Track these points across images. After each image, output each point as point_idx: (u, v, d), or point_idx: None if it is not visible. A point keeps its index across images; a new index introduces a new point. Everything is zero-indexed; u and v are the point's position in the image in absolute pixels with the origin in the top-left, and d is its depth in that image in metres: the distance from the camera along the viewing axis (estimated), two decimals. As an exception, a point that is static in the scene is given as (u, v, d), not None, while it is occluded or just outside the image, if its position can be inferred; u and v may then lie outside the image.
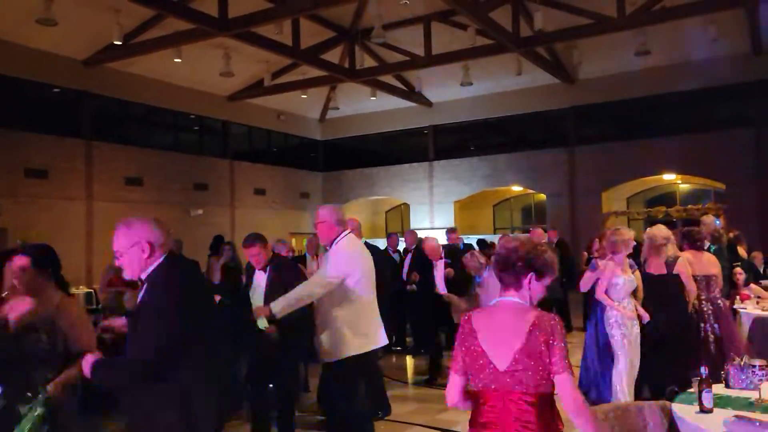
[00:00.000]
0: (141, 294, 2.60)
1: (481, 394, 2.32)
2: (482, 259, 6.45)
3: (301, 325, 4.47)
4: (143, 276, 2.63)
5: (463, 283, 7.04)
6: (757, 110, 15.62)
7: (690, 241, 5.86)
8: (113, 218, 12.93)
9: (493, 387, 2.28)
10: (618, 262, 5.29)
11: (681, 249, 5.85)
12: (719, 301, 5.74)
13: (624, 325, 5.21)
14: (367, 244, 6.10)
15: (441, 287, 6.98)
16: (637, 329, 5.27)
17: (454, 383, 2.40)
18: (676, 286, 5.47)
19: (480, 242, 10.82)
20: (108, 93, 14.85)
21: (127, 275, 2.68)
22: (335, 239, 4.24)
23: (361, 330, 4.12)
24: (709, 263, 5.78)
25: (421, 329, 7.95)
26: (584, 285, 5.70)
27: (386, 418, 5.74)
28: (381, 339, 4.32)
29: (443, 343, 7.82)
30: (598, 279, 5.36)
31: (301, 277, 4.70)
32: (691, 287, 5.48)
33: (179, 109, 16.81)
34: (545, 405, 2.26)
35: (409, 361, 8.44)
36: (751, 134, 15.45)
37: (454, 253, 8.07)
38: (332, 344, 4.09)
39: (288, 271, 4.85)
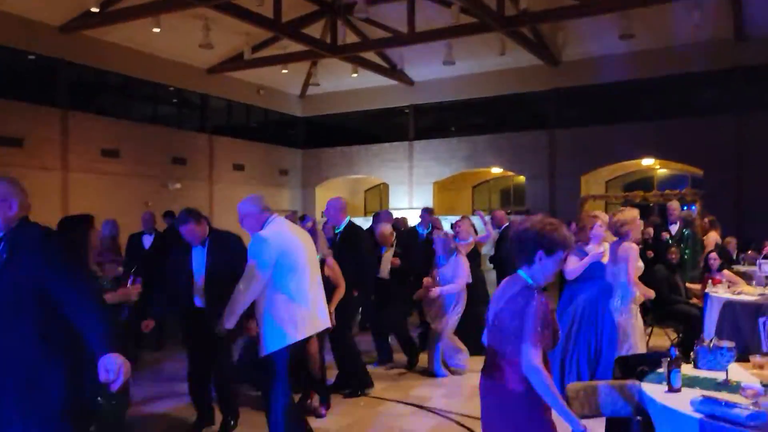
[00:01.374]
0: None
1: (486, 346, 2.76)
2: (452, 244, 6.49)
3: None
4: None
5: (408, 273, 6.95)
6: (738, 97, 15.77)
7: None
8: (90, 190, 12.82)
9: (486, 343, 2.75)
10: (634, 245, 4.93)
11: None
12: None
13: (633, 311, 4.95)
14: (352, 227, 5.99)
15: (384, 273, 6.84)
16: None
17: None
18: None
19: (453, 225, 10.73)
20: (85, 61, 14.48)
21: None
22: (263, 226, 4.04)
23: (291, 317, 3.91)
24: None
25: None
26: (574, 272, 5.16)
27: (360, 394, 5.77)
28: (316, 325, 4.12)
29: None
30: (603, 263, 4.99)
31: (241, 251, 4.38)
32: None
33: (157, 81, 16.47)
34: (518, 365, 2.53)
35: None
36: (731, 121, 15.62)
37: (411, 238, 7.94)
38: (263, 337, 3.93)
39: (225, 246, 4.62)
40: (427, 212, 9.21)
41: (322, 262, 5.05)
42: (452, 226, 8.90)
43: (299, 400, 5.03)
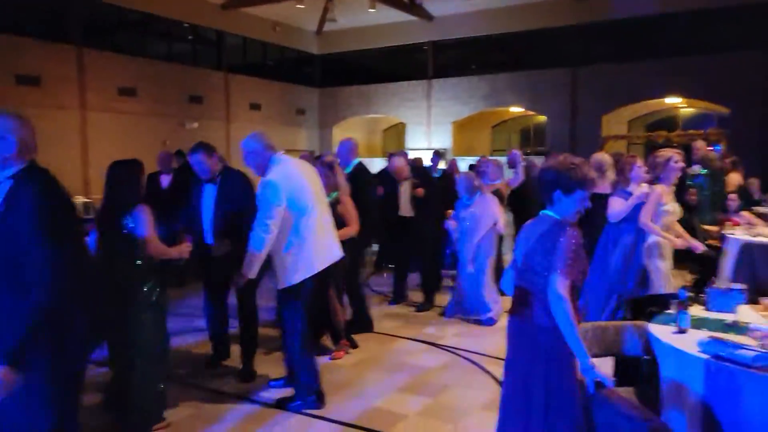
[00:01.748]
0: None
1: (514, 287, 2.83)
2: (477, 182, 6.29)
3: None
4: None
5: (436, 204, 6.78)
6: (766, 32, 15.13)
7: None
8: (108, 129, 12.78)
9: (515, 281, 2.81)
10: (667, 187, 4.79)
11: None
12: None
13: (664, 256, 4.84)
14: (360, 169, 5.94)
15: (405, 209, 6.78)
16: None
17: (506, 273, 3.02)
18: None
19: (471, 166, 10.60)
20: (98, -3, 14.29)
21: None
22: (267, 166, 4.00)
23: (304, 254, 3.95)
24: None
25: (387, 252, 7.92)
26: (618, 214, 4.88)
27: (374, 331, 5.90)
28: (330, 257, 4.14)
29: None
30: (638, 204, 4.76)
31: (251, 190, 4.44)
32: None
33: (172, 17, 16.21)
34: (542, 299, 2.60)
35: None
36: (758, 57, 15.04)
37: (426, 174, 7.63)
38: (279, 272, 4.01)
39: (235, 184, 4.60)
40: (437, 155, 9.00)
41: (337, 201, 5.03)
42: (471, 167, 8.75)
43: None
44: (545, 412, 2.63)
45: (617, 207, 4.91)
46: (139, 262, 3.60)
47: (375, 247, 10.12)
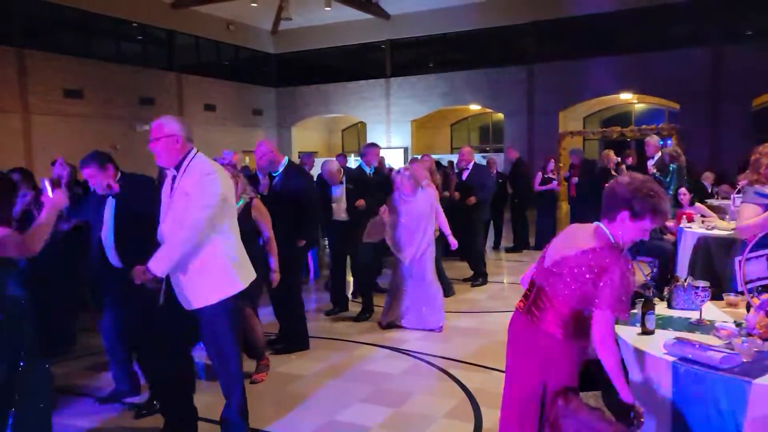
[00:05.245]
0: None
1: (530, 282, 2.68)
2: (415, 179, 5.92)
3: None
4: None
5: (373, 206, 6.40)
6: (715, 29, 15.52)
7: None
8: (53, 133, 12.22)
9: (533, 276, 2.65)
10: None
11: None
12: None
13: None
14: (291, 168, 5.42)
15: (339, 213, 6.47)
16: None
17: (530, 270, 2.78)
18: None
19: (451, 162, 10.49)
20: (39, -4, 13.71)
21: None
22: (182, 160, 3.34)
23: (237, 264, 3.43)
24: None
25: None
26: (750, 229, 3.58)
27: (333, 337, 5.73)
28: (252, 272, 3.61)
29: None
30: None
31: (154, 201, 3.60)
32: None
33: (120, 16, 15.68)
34: (568, 317, 2.47)
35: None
36: (707, 53, 15.42)
37: (360, 174, 7.16)
38: (202, 286, 3.34)
39: (136, 194, 3.94)
40: (373, 147, 8.40)
41: (248, 205, 4.57)
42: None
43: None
44: (539, 419, 2.53)
45: (750, 216, 3.65)
46: None
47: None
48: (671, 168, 8.06)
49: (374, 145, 7.67)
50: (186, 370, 3.68)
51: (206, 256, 3.31)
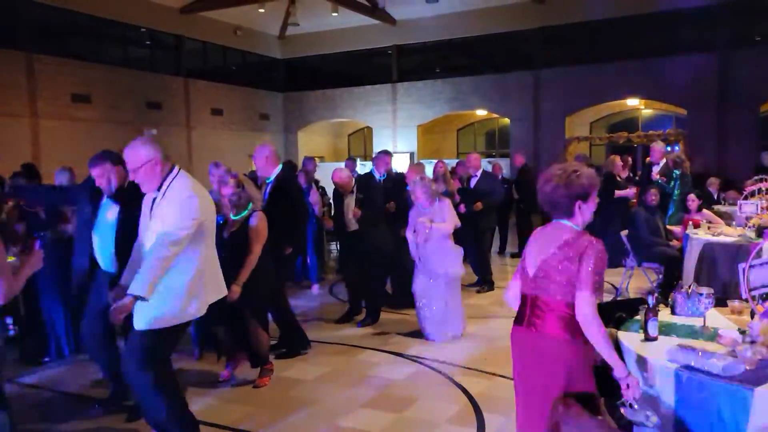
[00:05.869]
0: None
1: (521, 297, 2.68)
2: (434, 187, 5.87)
3: None
4: None
5: (379, 215, 6.38)
6: (722, 34, 15.47)
7: None
8: (61, 137, 12.32)
9: (525, 291, 2.64)
10: None
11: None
12: None
13: None
14: (284, 176, 5.36)
15: (350, 223, 6.27)
16: None
17: (511, 285, 2.78)
18: None
19: (453, 170, 10.13)
20: (49, 1, 13.80)
21: None
22: (164, 180, 3.28)
23: (199, 289, 3.34)
24: None
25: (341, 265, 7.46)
26: None
27: (337, 342, 5.72)
28: (221, 290, 3.57)
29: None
30: None
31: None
32: None
33: (128, 21, 15.79)
34: (568, 315, 2.49)
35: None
36: (713, 59, 15.36)
37: (370, 181, 7.20)
38: (158, 308, 3.22)
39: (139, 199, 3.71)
40: (385, 155, 7.97)
41: (247, 219, 4.53)
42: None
43: (228, 365, 4.81)
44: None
45: None
46: None
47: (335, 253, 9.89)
48: (675, 174, 8.05)
49: (386, 153, 7.74)
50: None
51: (174, 275, 3.22)
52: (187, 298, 3.27)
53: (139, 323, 3.24)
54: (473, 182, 7.98)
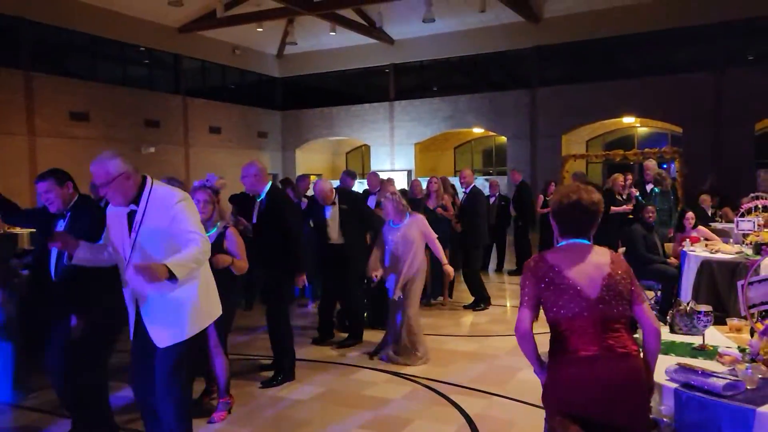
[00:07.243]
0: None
1: (571, 322, 2.49)
2: (404, 203, 5.71)
3: None
4: None
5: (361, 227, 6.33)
6: (717, 53, 15.60)
7: None
8: (59, 155, 12.36)
9: (585, 314, 2.48)
10: None
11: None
12: None
13: None
14: (275, 193, 5.14)
15: (334, 236, 6.16)
16: None
17: (526, 316, 2.55)
18: None
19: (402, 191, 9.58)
20: (48, 20, 13.88)
21: None
22: (139, 193, 3.17)
23: (210, 298, 3.38)
24: None
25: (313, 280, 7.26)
26: None
27: (331, 361, 5.67)
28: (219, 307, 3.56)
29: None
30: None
31: (102, 227, 3.45)
32: None
33: (126, 41, 15.88)
34: (627, 327, 2.55)
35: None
36: (709, 78, 15.48)
37: (355, 195, 7.02)
38: (181, 321, 3.20)
39: (86, 218, 3.69)
40: (374, 176, 8.07)
41: (221, 235, 4.29)
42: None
43: (200, 396, 4.62)
44: None
45: None
46: None
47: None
48: (655, 191, 8.17)
49: (374, 174, 7.83)
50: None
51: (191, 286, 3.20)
52: (202, 303, 3.28)
53: (163, 341, 3.17)
54: (461, 198, 7.98)
